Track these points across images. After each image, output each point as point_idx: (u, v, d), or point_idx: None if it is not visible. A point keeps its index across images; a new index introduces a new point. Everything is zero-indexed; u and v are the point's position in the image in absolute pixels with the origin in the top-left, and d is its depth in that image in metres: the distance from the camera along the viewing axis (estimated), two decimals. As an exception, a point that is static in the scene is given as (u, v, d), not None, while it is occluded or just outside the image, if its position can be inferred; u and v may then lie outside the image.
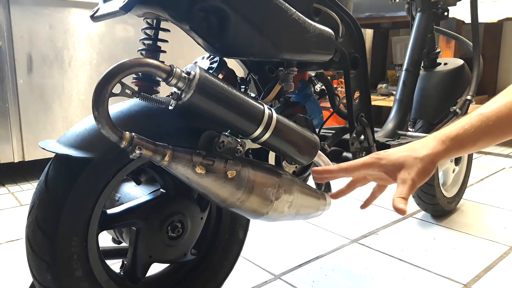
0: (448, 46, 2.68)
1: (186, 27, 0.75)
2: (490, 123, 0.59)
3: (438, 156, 0.61)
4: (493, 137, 0.60)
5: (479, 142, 0.60)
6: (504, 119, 0.58)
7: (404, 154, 0.63)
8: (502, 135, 0.61)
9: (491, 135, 0.60)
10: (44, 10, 1.95)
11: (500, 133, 0.60)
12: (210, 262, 0.99)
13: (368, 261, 1.30)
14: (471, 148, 0.61)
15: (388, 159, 0.64)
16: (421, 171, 0.61)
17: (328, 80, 1.07)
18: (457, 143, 0.61)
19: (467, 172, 1.72)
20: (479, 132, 0.59)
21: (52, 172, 0.70)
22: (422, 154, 0.62)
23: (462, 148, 0.61)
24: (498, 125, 0.59)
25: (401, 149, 0.65)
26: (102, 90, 0.59)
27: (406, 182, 0.61)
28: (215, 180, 0.70)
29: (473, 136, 0.60)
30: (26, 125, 1.98)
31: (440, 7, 1.37)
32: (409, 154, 0.63)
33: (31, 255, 0.69)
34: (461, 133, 0.60)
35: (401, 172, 0.62)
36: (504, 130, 0.59)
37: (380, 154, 0.66)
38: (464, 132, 0.60)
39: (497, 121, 0.59)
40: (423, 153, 0.62)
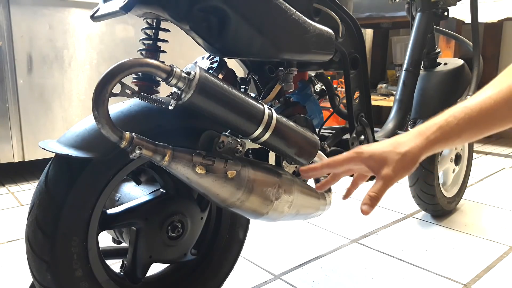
0: (448, 46, 2.68)
1: (186, 27, 0.75)
2: (474, 115, 0.58)
3: (421, 151, 0.61)
4: (477, 129, 0.59)
5: (464, 135, 0.59)
6: (489, 111, 0.57)
7: (386, 149, 0.63)
8: (486, 128, 0.60)
9: (475, 127, 0.59)
10: (44, 10, 1.95)
11: (485, 125, 0.59)
12: (210, 262, 0.99)
13: (368, 261, 1.30)
14: (456, 141, 0.61)
15: (370, 154, 0.64)
16: (402, 167, 0.61)
17: (328, 80, 1.07)
18: (441, 136, 0.60)
19: (467, 172, 1.72)
20: (463, 124, 0.58)
21: (52, 172, 0.70)
22: (404, 149, 0.61)
23: (447, 141, 0.60)
24: (482, 117, 0.58)
25: (385, 143, 0.64)
26: (102, 90, 0.59)
27: (384, 179, 0.61)
28: (215, 180, 0.70)
29: (457, 129, 0.59)
30: (26, 125, 1.98)
31: (440, 7, 1.37)
32: (392, 150, 0.62)
33: (31, 255, 0.69)
34: (444, 126, 0.59)
35: (382, 168, 0.62)
36: (489, 122, 0.59)
37: (363, 148, 0.66)
38: (447, 125, 0.59)
39: (481, 113, 0.58)
40: (406, 148, 0.61)
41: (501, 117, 0.58)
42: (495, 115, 0.58)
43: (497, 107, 0.57)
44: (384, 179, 0.61)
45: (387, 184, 0.61)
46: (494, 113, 0.58)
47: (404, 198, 1.85)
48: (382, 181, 0.61)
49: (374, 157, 0.63)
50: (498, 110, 0.58)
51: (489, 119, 0.58)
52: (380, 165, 0.62)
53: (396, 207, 1.77)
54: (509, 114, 0.58)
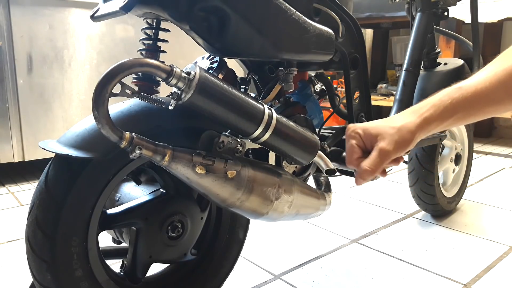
0: (448, 46, 2.68)
1: (186, 27, 0.75)
2: (469, 96, 0.58)
3: (416, 128, 0.60)
4: (472, 110, 0.59)
5: (458, 114, 0.59)
6: (483, 93, 0.57)
7: (381, 124, 0.62)
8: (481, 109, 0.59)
9: (469, 108, 0.59)
10: (44, 10, 1.95)
11: (479, 106, 0.59)
12: (210, 262, 0.99)
13: (368, 261, 1.30)
14: (450, 120, 0.60)
15: (365, 129, 0.63)
16: (397, 141, 0.60)
17: (328, 80, 1.07)
18: (435, 114, 0.59)
19: (467, 172, 1.72)
20: (457, 104, 0.58)
21: (52, 172, 0.70)
22: (400, 124, 0.60)
23: (441, 120, 0.60)
24: (477, 98, 0.58)
25: (379, 121, 0.64)
26: (102, 90, 0.59)
27: (380, 152, 0.60)
28: (215, 180, 0.70)
29: (451, 108, 0.59)
30: (26, 125, 1.98)
31: (440, 7, 1.36)
32: (386, 125, 0.62)
33: (31, 255, 0.69)
34: (438, 104, 0.59)
35: (378, 141, 0.61)
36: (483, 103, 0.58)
37: (357, 126, 0.65)
38: (442, 104, 0.59)
39: (475, 94, 0.57)
40: (401, 123, 0.60)
41: (495, 99, 0.58)
42: (490, 96, 0.58)
43: (492, 89, 0.57)
44: (380, 152, 0.60)
45: (383, 158, 0.60)
46: (488, 95, 0.57)
47: (404, 198, 1.85)
48: (377, 153, 0.60)
49: (368, 132, 0.63)
50: (493, 92, 0.57)
51: (483, 101, 0.58)
52: (375, 139, 0.62)
53: (396, 207, 1.77)
54: (503, 96, 0.57)
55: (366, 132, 0.63)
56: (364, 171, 0.61)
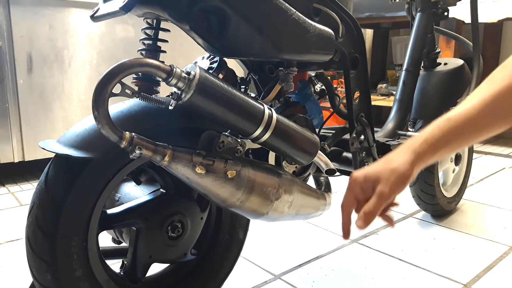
0: (448, 46, 2.68)
1: (186, 27, 0.75)
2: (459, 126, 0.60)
3: (412, 164, 0.62)
4: (464, 139, 0.61)
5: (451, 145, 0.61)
6: (473, 121, 0.59)
7: (379, 168, 0.65)
8: (472, 136, 0.61)
9: (461, 137, 0.61)
10: (44, 10, 1.95)
11: (470, 134, 0.61)
12: (210, 262, 0.99)
13: (368, 261, 1.30)
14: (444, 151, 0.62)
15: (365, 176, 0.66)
16: (395, 182, 0.62)
17: (328, 80, 1.07)
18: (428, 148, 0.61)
19: (467, 172, 1.72)
20: (448, 135, 0.60)
21: (52, 172, 0.70)
22: (395, 165, 0.63)
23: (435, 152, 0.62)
24: (467, 127, 0.60)
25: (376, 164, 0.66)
26: (102, 90, 0.59)
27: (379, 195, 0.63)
28: (215, 180, 0.70)
29: (443, 140, 0.61)
30: (26, 125, 1.98)
31: (440, 7, 1.37)
32: (383, 167, 0.64)
33: (31, 255, 0.69)
34: (430, 138, 0.61)
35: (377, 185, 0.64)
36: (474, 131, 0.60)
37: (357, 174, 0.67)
38: (433, 137, 0.61)
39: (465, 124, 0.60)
40: (396, 163, 0.63)
41: (486, 125, 0.60)
42: (480, 124, 0.60)
43: (481, 116, 0.59)
44: (379, 195, 0.63)
45: (382, 200, 0.63)
46: (478, 123, 0.59)
47: (404, 198, 1.85)
48: (377, 197, 0.63)
49: (369, 177, 0.65)
50: (482, 119, 0.59)
51: (474, 129, 0.60)
52: (374, 184, 0.64)
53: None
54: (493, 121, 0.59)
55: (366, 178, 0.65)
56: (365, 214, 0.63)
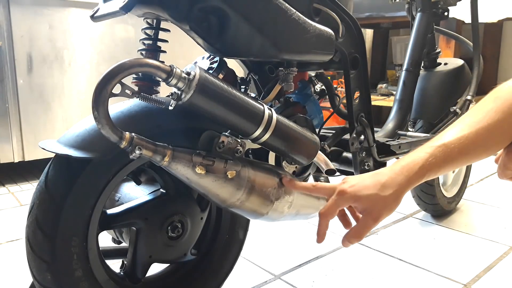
0: (448, 46, 2.68)
1: (186, 27, 0.75)
2: (453, 155, 0.64)
3: (403, 190, 0.66)
4: (454, 164, 0.65)
5: (441, 171, 0.65)
6: (465, 150, 0.63)
7: (370, 192, 0.66)
8: (463, 163, 0.66)
9: (452, 163, 0.65)
10: (44, 10, 1.95)
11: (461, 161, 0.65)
12: (210, 262, 0.99)
13: (368, 261, 1.30)
14: (433, 175, 0.66)
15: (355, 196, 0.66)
16: (386, 209, 0.66)
17: (328, 80, 1.07)
18: (421, 174, 0.65)
19: (467, 172, 1.72)
20: (442, 163, 0.64)
21: (52, 172, 0.70)
22: (388, 193, 0.65)
23: (426, 177, 0.66)
24: (460, 156, 0.64)
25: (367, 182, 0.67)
26: (102, 90, 0.59)
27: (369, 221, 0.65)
28: (215, 180, 0.70)
29: (437, 167, 0.64)
30: (26, 125, 1.98)
31: (440, 7, 1.36)
32: (376, 193, 0.65)
33: (31, 255, 0.69)
34: (426, 166, 0.64)
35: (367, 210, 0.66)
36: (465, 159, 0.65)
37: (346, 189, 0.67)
38: (429, 165, 0.64)
39: (458, 152, 0.63)
40: (390, 191, 0.65)
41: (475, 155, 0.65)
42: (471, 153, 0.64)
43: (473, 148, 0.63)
44: (369, 221, 0.65)
45: (372, 225, 0.66)
46: (470, 152, 0.64)
47: (404, 198, 1.84)
48: (366, 223, 0.66)
49: (359, 200, 0.66)
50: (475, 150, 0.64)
51: (464, 157, 0.64)
52: (365, 208, 0.66)
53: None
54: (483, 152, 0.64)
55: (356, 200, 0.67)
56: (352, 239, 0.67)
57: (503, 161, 0.66)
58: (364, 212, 0.66)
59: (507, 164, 0.66)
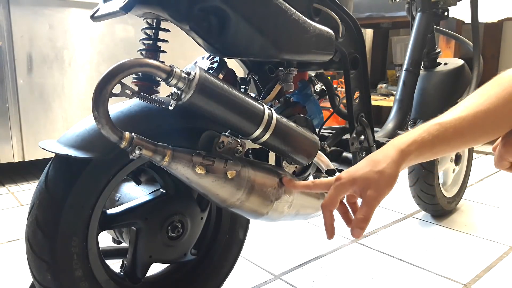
0: (448, 46, 2.68)
1: (186, 27, 0.75)
2: (448, 134, 0.62)
3: (398, 165, 0.63)
4: (449, 145, 0.64)
5: (436, 149, 0.64)
6: (460, 131, 0.62)
7: (365, 170, 0.65)
8: (457, 145, 0.64)
9: (447, 144, 0.63)
10: (44, 10, 1.95)
11: (456, 143, 0.64)
12: (210, 262, 0.99)
13: (368, 261, 1.30)
14: (429, 155, 0.65)
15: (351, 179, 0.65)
16: (384, 185, 0.64)
17: (328, 80, 1.07)
18: (415, 150, 0.63)
19: (467, 172, 1.72)
20: (436, 141, 0.63)
21: (52, 172, 0.70)
22: (382, 167, 0.63)
23: (420, 154, 0.64)
24: (454, 136, 0.62)
25: (362, 165, 0.66)
26: (102, 90, 0.59)
27: (369, 200, 0.64)
28: (215, 180, 0.70)
29: (430, 144, 0.63)
30: (26, 125, 1.98)
31: (440, 7, 1.36)
32: (370, 170, 0.64)
33: (31, 255, 0.69)
34: (418, 141, 0.63)
35: (366, 190, 0.64)
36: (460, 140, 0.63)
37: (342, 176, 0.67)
38: (421, 140, 0.63)
39: (454, 133, 0.62)
40: (383, 165, 0.63)
41: (472, 138, 0.63)
42: (467, 136, 0.63)
43: (469, 129, 0.62)
44: (369, 201, 0.64)
45: (373, 205, 0.64)
46: (466, 134, 0.63)
47: (404, 198, 1.85)
48: (368, 202, 0.64)
49: (356, 181, 0.65)
50: (470, 132, 0.62)
51: (461, 139, 0.63)
52: (362, 188, 0.64)
53: (396, 207, 1.77)
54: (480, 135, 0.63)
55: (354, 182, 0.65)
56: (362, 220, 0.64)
57: (499, 152, 0.65)
58: (364, 192, 0.64)
59: (503, 155, 0.65)
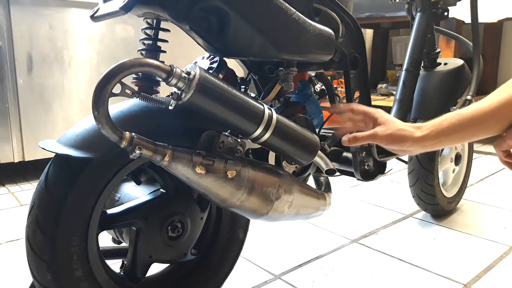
0: (448, 46, 2.68)
1: (186, 27, 0.75)
2: (465, 122, 0.69)
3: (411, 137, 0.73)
4: (465, 133, 0.70)
5: (452, 136, 0.70)
6: (477, 121, 0.68)
7: (391, 120, 0.77)
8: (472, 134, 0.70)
9: (463, 132, 0.69)
10: (44, 10, 1.95)
11: (471, 131, 0.69)
12: (210, 262, 0.99)
13: (368, 261, 1.30)
14: (445, 141, 0.72)
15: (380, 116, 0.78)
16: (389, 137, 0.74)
17: (328, 80, 1.07)
18: (432, 133, 0.71)
19: (467, 172, 1.72)
20: (453, 127, 0.70)
21: (52, 172, 0.70)
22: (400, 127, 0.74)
23: (437, 139, 0.71)
24: (471, 125, 0.68)
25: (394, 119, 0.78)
26: (102, 90, 0.59)
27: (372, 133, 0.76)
28: (215, 180, 0.70)
29: (447, 130, 0.70)
30: (26, 125, 1.98)
31: (440, 7, 1.36)
32: (393, 121, 0.76)
33: (31, 255, 0.69)
34: (437, 126, 0.71)
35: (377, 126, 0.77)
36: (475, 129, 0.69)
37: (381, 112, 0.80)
38: (439, 125, 0.71)
39: (471, 121, 0.68)
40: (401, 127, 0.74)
41: (487, 127, 0.68)
42: (481, 125, 0.68)
43: (486, 118, 0.67)
44: (372, 133, 0.76)
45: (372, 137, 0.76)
46: (482, 123, 0.68)
47: (404, 198, 1.85)
48: (370, 133, 0.76)
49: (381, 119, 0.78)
50: (486, 121, 0.68)
51: (476, 128, 0.69)
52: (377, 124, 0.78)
53: (396, 207, 1.77)
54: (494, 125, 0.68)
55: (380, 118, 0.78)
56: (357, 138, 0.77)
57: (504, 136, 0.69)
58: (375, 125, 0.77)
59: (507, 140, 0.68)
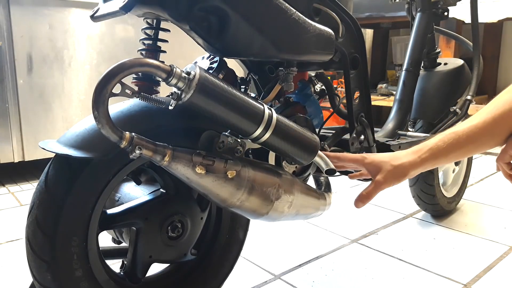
0: (448, 46, 2.68)
1: (186, 27, 0.75)
2: (461, 141, 0.70)
3: (412, 167, 0.74)
4: (463, 151, 0.72)
5: (450, 155, 0.72)
6: (473, 138, 0.70)
7: (384, 160, 0.77)
8: (469, 151, 0.72)
9: (461, 150, 0.71)
10: (44, 10, 1.95)
11: (468, 149, 0.71)
12: (210, 262, 0.99)
13: (368, 261, 1.30)
14: (444, 161, 0.73)
15: (371, 160, 0.78)
16: (392, 177, 0.75)
17: (328, 80, 1.07)
18: (431, 156, 0.73)
19: (467, 172, 1.72)
20: (450, 148, 0.71)
21: (52, 172, 0.70)
22: (398, 163, 0.75)
23: (435, 160, 0.73)
24: (467, 143, 0.70)
25: (385, 155, 0.78)
26: (102, 90, 0.59)
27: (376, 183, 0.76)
28: (215, 180, 0.70)
29: (445, 151, 0.72)
30: (26, 125, 1.98)
31: (440, 7, 1.36)
32: (388, 161, 0.76)
33: (31, 255, 0.69)
34: (434, 148, 0.72)
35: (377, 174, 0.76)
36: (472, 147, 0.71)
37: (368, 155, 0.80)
38: (437, 148, 0.72)
39: (467, 140, 0.70)
40: (399, 162, 0.75)
41: (484, 142, 0.70)
42: (478, 141, 0.70)
43: (482, 134, 0.69)
44: (376, 184, 0.76)
45: (378, 188, 0.76)
46: (477, 140, 0.70)
47: (404, 198, 1.85)
48: (374, 185, 0.76)
49: (373, 163, 0.77)
50: (483, 137, 0.70)
51: (473, 145, 0.71)
52: (376, 171, 0.77)
53: (396, 207, 1.77)
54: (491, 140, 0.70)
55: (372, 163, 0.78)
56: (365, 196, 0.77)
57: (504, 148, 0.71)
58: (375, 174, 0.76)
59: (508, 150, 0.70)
